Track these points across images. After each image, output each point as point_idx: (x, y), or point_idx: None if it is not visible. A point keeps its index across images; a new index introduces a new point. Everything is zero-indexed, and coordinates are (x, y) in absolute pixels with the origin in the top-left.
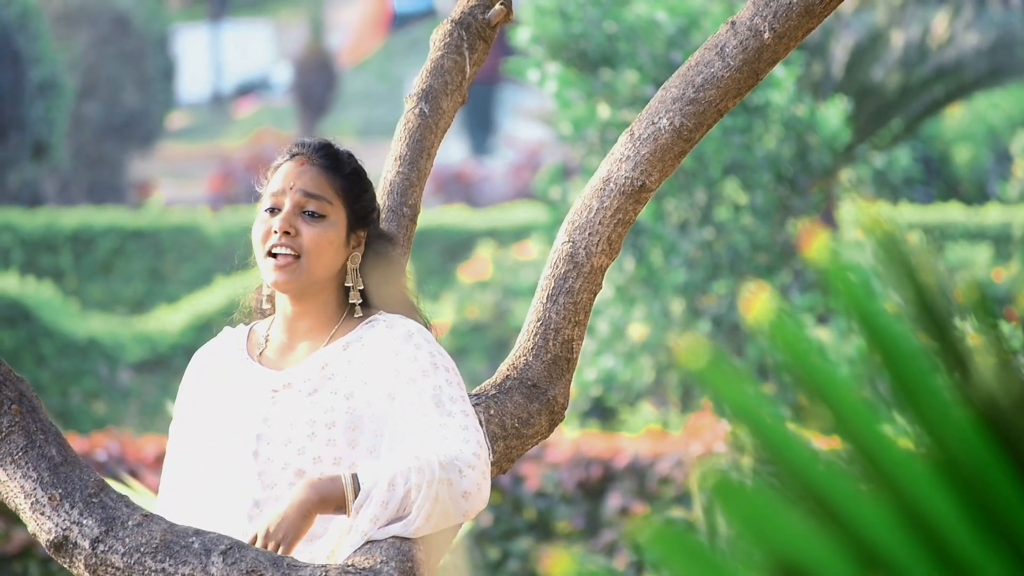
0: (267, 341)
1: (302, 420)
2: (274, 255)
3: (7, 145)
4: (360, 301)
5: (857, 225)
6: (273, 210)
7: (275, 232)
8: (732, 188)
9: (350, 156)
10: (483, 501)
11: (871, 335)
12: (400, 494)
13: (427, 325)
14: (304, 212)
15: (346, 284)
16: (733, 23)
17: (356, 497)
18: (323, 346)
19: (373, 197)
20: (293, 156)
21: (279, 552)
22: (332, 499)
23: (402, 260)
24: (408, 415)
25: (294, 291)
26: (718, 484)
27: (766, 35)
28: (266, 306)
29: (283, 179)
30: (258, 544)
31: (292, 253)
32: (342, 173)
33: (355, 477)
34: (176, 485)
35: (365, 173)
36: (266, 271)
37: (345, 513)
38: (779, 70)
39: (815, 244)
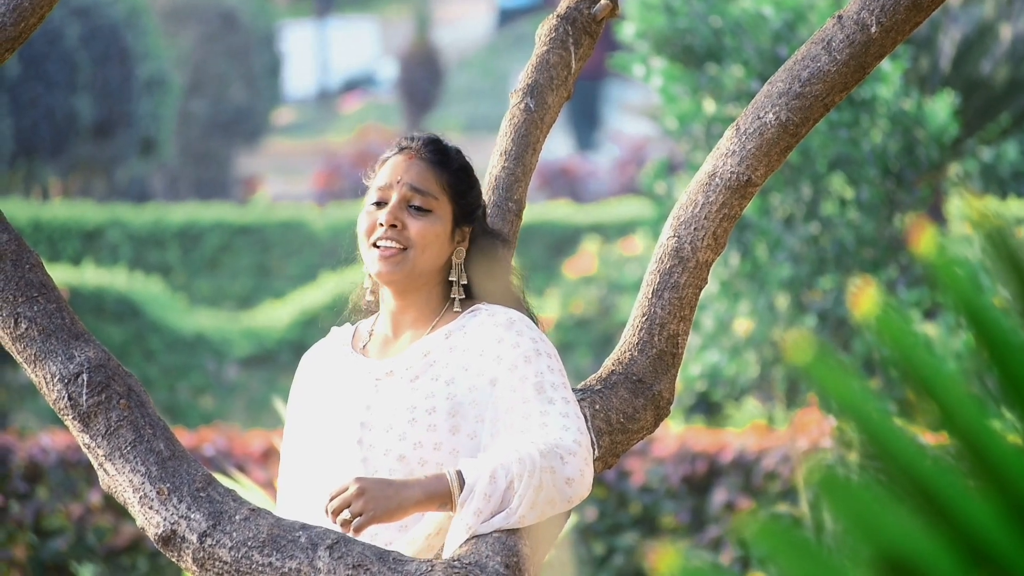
0: (371, 335)
1: (403, 406)
2: (378, 247)
3: (116, 141)
4: (463, 296)
5: (965, 220)
6: (380, 203)
7: (381, 225)
8: (838, 183)
9: (458, 152)
10: (587, 487)
11: (979, 330)
12: (502, 486)
13: (534, 319)
14: (411, 206)
15: (450, 278)
16: (840, 17)
17: (461, 493)
18: (425, 335)
19: (479, 193)
20: (401, 150)
21: (350, 521)
22: (438, 496)
23: (508, 256)
24: (509, 401)
25: (398, 283)
26: (825, 479)
27: (873, 29)
28: (370, 298)
29: (390, 173)
30: (335, 499)
31: (398, 246)
32: (450, 169)
33: (460, 473)
34: (293, 486)
35: (472, 169)
36: (371, 262)
37: (451, 509)
38: (886, 64)
39: (922, 239)
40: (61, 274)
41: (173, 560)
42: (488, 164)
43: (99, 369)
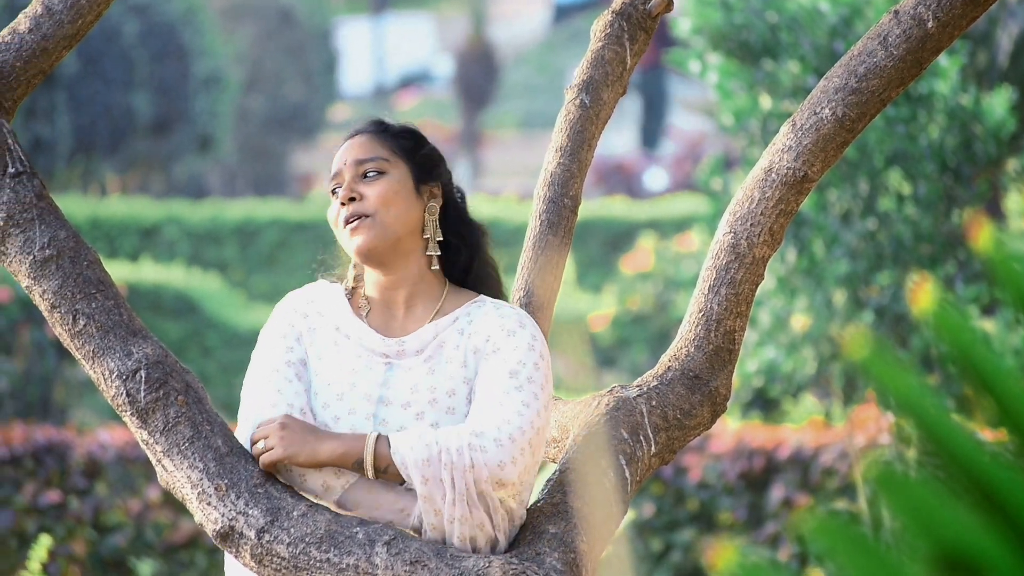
0: (369, 303)
1: (423, 386)
2: (348, 225)
3: (173, 138)
4: (438, 252)
5: (1023, 215)
6: (335, 190)
7: (341, 203)
8: (895, 178)
9: (402, 123)
10: (516, 475)
11: None
12: (436, 474)
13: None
14: (365, 176)
15: (424, 236)
16: (897, 12)
17: (374, 462)
18: (431, 318)
19: (435, 155)
20: (350, 137)
21: (260, 455)
22: (353, 455)
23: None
24: (482, 379)
25: (375, 250)
26: (882, 476)
27: (930, 24)
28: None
29: (338, 160)
30: (262, 426)
31: (362, 213)
32: (391, 132)
33: (383, 441)
34: (271, 404)
35: (418, 132)
36: (347, 243)
37: (363, 472)
38: (943, 59)
39: (981, 234)
40: (119, 271)
41: (231, 556)
42: (543, 160)
43: (157, 365)
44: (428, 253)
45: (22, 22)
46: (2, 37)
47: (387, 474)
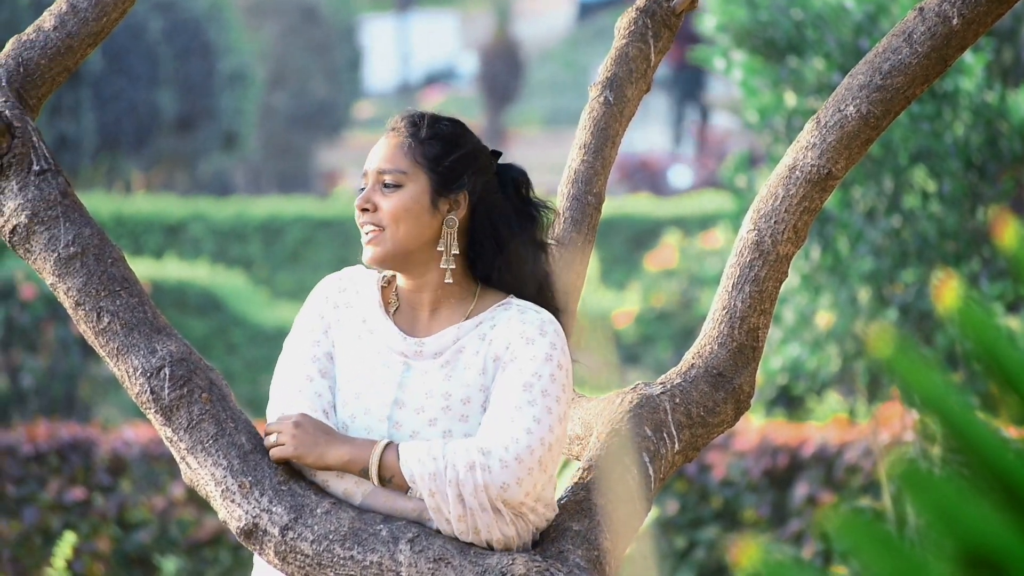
0: (397, 300)
1: (438, 392)
2: (364, 231)
3: (198, 135)
4: (452, 266)
5: None
6: (362, 189)
7: (356, 209)
8: (920, 176)
9: (434, 122)
10: (523, 494)
11: None
12: (442, 488)
13: (555, 302)
14: (384, 186)
15: (439, 248)
16: (921, 9)
17: (379, 471)
18: (457, 321)
19: (466, 157)
20: (387, 132)
21: (271, 448)
22: (359, 463)
23: (525, 232)
24: (497, 390)
25: (387, 264)
26: (907, 473)
27: (955, 21)
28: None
29: (368, 158)
30: (277, 421)
31: (373, 228)
32: (419, 139)
33: (392, 449)
34: (299, 393)
35: (452, 135)
36: (364, 248)
37: (367, 478)
38: (968, 56)
39: (1005, 232)
40: (143, 268)
41: (255, 553)
42: (567, 157)
43: (181, 363)
44: (443, 266)
45: (47, 19)
46: (27, 35)
47: (392, 484)
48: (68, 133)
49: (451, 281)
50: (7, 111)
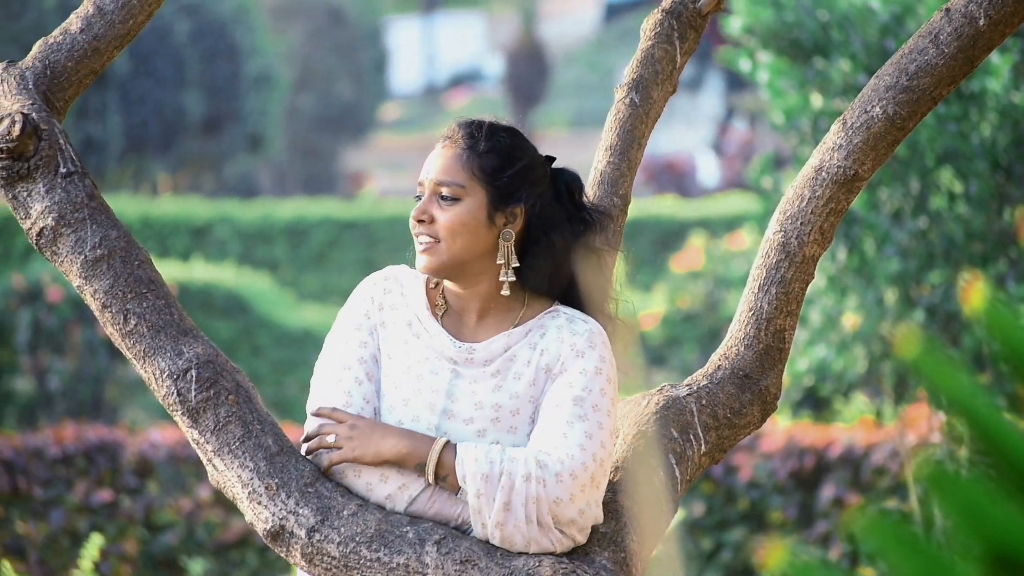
0: (446, 304)
1: (488, 403)
2: (418, 240)
3: (224, 137)
4: (512, 278)
5: None
6: (418, 197)
7: (412, 220)
8: (947, 177)
9: (493, 133)
10: (576, 511)
11: None
12: (493, 492)
13: (601, 309)
14: (442, 197)
15: (498, 261)
16: (948, 10)
17: (435, 469)
18: (506, 328)
19: (523, 171)
20: (443, 140)
21: (333, 454)
22: (414, 458)
23: (576, 239)
24: (548, 402)
25: (439, 274)
26: (934, 475)
27: (981, 22)
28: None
29: (425, 167)
30: (328, 424)
31: (429, 239)
32: (477, 152)
33: (450, 448)
34: (342, 391)
35: (511, 148)
36: (417, 256)
37: (421, 475)
38: (995, 57)
39: None
40: (170, 270)
41: (282, 555)
42: (593, 159)
43: (207, 365)
44: (501, 279)
45: (74, 22)
46: (54, 37)
47: (445, 482)
48: (95, 135)
49: (507, 293)
50: (34, 114)
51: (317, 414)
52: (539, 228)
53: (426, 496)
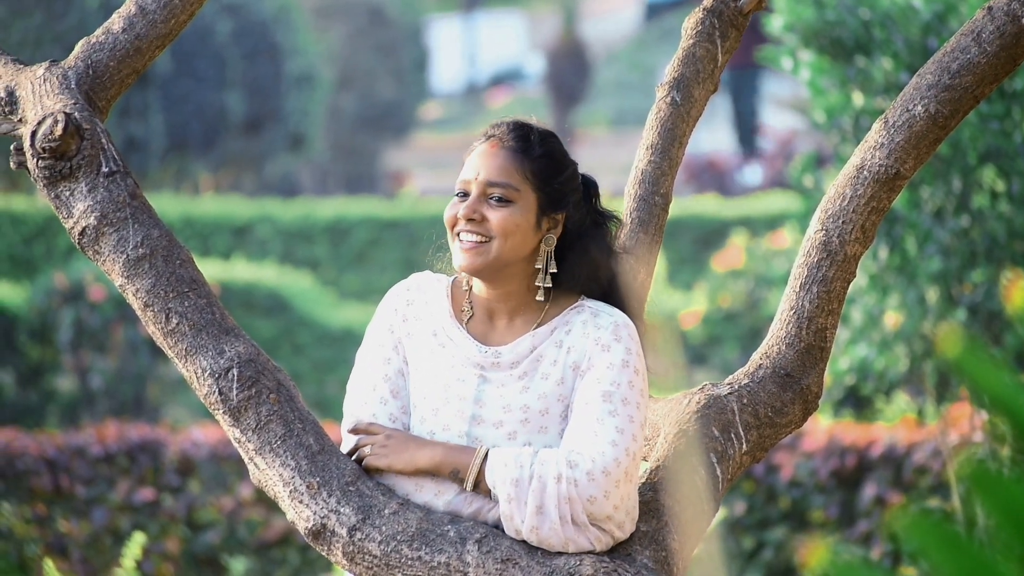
0: (472, 309)
1: (516, 405)
2: (461, 239)
3: (265, 137)
4: (548, 284)
5: None
6: (462, 194)
7: (460, 218)
8: (989, 175)
9: (545, 137)
10: (611, 507)
11: None
12: (523, 496)
13: (627, 305)
14: (491, 198)
15: (536, 266)
16: (990, 8)
17: (474, 476)
18: (531, 329)
19: (570, 178)
20: (488, 139)
21: (365, 456)
22: (450, 466)
23: (606, 244)
24: (578, 400)
25: (482, 274)
26: (976, 474)
27: None
28: (465, 287)
29: (472, 165)
30: (365, 436)
31: (478, 238)
32: (531, 156)
33: (487, 456)
34: (373, 404)
35: (560, 154)
36: (455, 253)
37: (459, 484)
38: None
39: None
40: (211, 269)
41: (323, 554)
42: (634, 158)
43: (249, 364)
44: (538, 284)
45: (116, 22)
46: (96, 37)
47: (481, 489)
48: (136, 135)
49: (542, 299)
50: (76, 113)
51: (353, 431)
52: (574, 233)
53: (461, 501)
